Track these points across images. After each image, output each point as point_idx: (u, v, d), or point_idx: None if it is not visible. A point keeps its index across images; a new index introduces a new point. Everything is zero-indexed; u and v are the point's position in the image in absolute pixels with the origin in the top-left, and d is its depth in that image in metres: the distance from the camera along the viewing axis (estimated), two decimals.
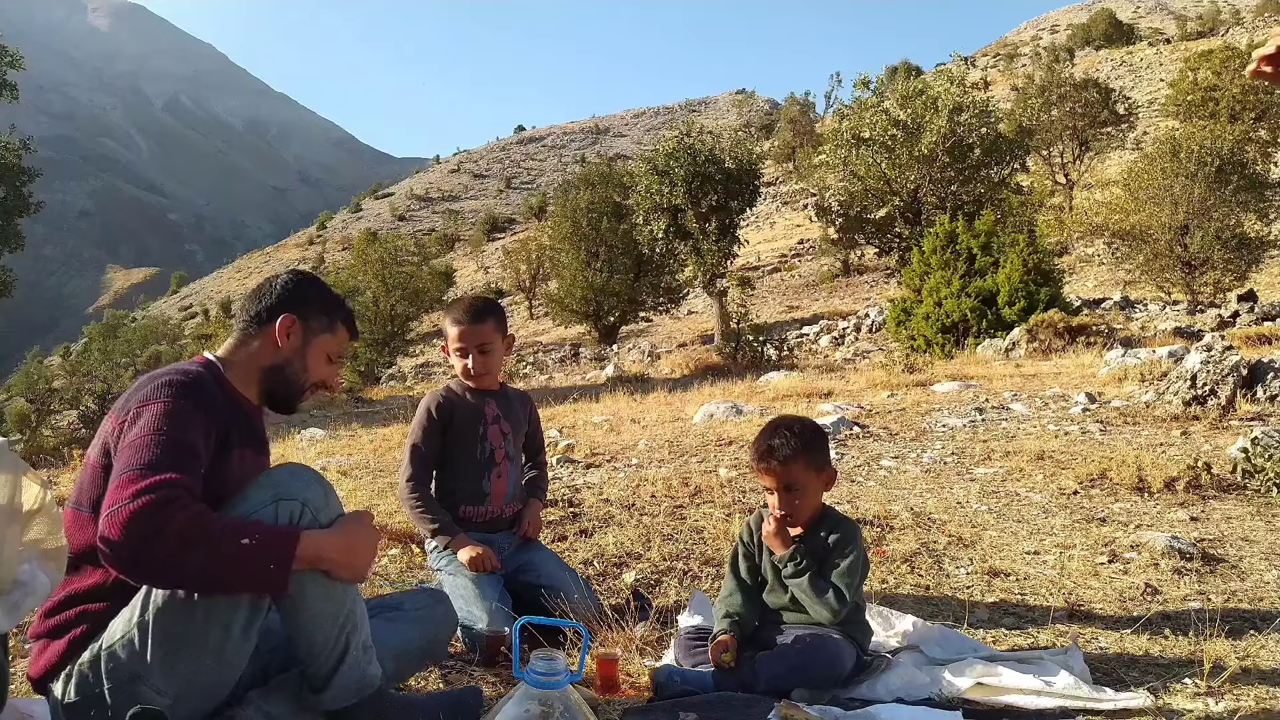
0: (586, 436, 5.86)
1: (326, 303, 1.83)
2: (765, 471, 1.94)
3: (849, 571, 1.90)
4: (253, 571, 1.44)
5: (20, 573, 1.52)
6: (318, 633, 1.55)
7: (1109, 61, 66.28)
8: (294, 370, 1.78)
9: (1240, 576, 2.59)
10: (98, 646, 1.49)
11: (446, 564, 2.40)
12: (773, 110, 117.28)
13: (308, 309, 1.79)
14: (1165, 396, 5.38)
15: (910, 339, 13.73)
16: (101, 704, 1.47)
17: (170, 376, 1.59)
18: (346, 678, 1.58)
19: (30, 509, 1.56)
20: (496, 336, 2.53)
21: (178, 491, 1.41)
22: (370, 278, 26.95)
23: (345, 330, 1.86)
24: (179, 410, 1.53)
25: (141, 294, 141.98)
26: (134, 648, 1.47)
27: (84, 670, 1.49)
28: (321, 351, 1.82)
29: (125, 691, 1.46)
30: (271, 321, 1.76)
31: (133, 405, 1.54)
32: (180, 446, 1.49)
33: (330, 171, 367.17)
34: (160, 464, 1.44)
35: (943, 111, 22.83)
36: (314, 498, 1.57)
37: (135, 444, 1.46)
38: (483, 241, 76.59)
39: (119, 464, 1.45)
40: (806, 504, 1.95)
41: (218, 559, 1.41)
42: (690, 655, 1.99)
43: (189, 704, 1.52)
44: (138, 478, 1.41)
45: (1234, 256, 19.71)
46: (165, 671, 1.47)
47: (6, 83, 18.29)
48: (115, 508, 1.38)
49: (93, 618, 1.53)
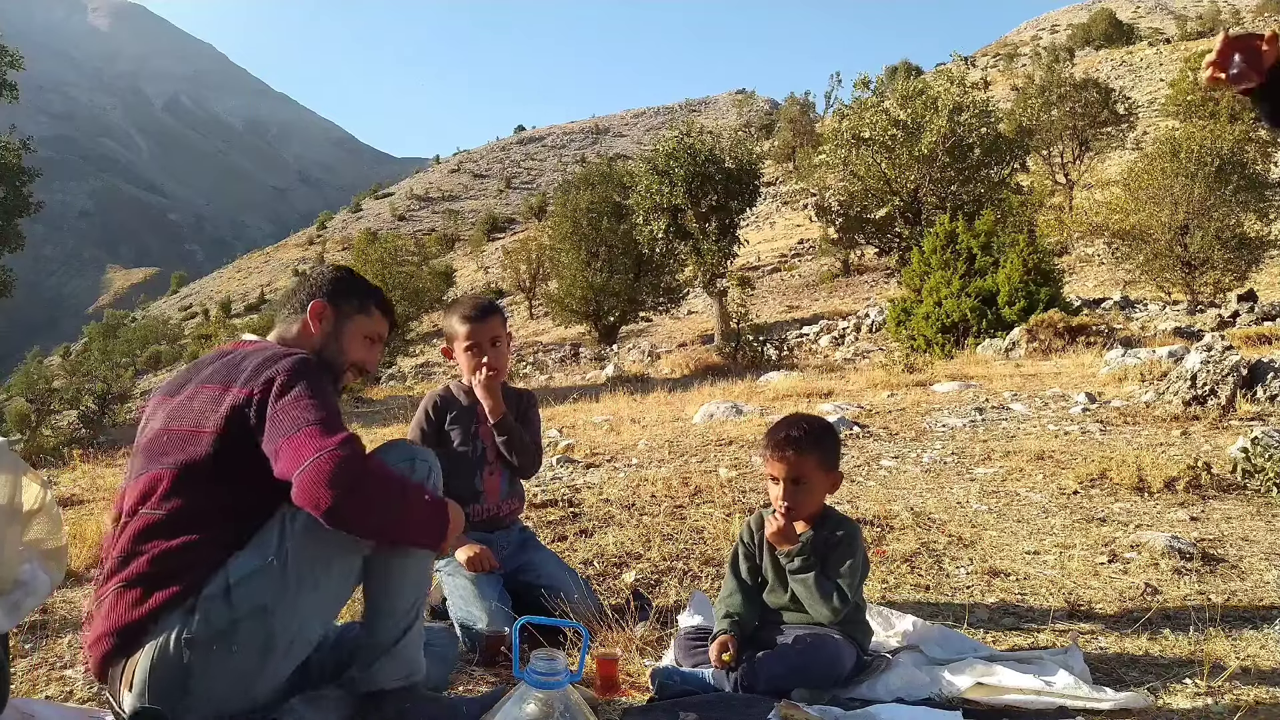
0: (586, 436, 5.86)
1: (357, 289, 1.97)
2: (779, 460, 1.92)
3: (851, 571, 1.90)
4: (425, 524, 1.61)
5: (21, 573, 1.52)
6: (400, 598, 1.66)
7: (1109, 61, 66.30)
8: (330, 353, 1.89)
9: (1240, 576, 2.59)
10: (224, 580, 1.54)
11: (445, 564, 2.40)
12: (773, 110, 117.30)
13: (337, 295, 1.93)
14: (1165, 396, 5.39)
15: (910, 339, 13.73)
16: (229, 637, 1.51)
17: (297, 355, 1.67)
18: (404, 651, 1.66)
19: (30, 509, 1.56)
20: (503, 331, 2.54)
21: (360, 447, 1.54)
22: (370, 278, 26.87)
23: (380, 313, 1.98)
24: (324, 381, 1.66)
25: (141, 294, 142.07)
26: (267, 581, 1.54)
27: (210, 604, 1.52)
28: (356, 333, 1.93)
29: (255, 622, 1.52)
30: (304, 309, 1.90)
31: (276, 374, 1.60)
32: (338, 412, 1.61)
33: (330, 171, 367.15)
34: (336, 423, 1.56)
35: (943, 111, 22.84)
36: (438, 467, 1.75)
37: (304, 405, 1.55)
38: (483, 241, 76.60)
39: (289, 421, 1.53)
40: (810, 501, 1.95)
41: (406, 509, 1.58)
42: (690, 655, 1.98)
43: (298, 648, 1.60)
44: (324, 432, 1.51)
45: (1234, 256, 19.71)
46: (292, 606, 1.55)
47: (6, 83, 18.29)
48: (318, 456, 1.48)
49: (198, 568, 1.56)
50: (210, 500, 1.59)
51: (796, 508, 1.92)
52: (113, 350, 31.10)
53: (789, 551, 1.93)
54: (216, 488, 1.60)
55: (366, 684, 1.66)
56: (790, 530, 1.93)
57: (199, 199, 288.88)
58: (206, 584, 1.54)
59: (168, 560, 1.55)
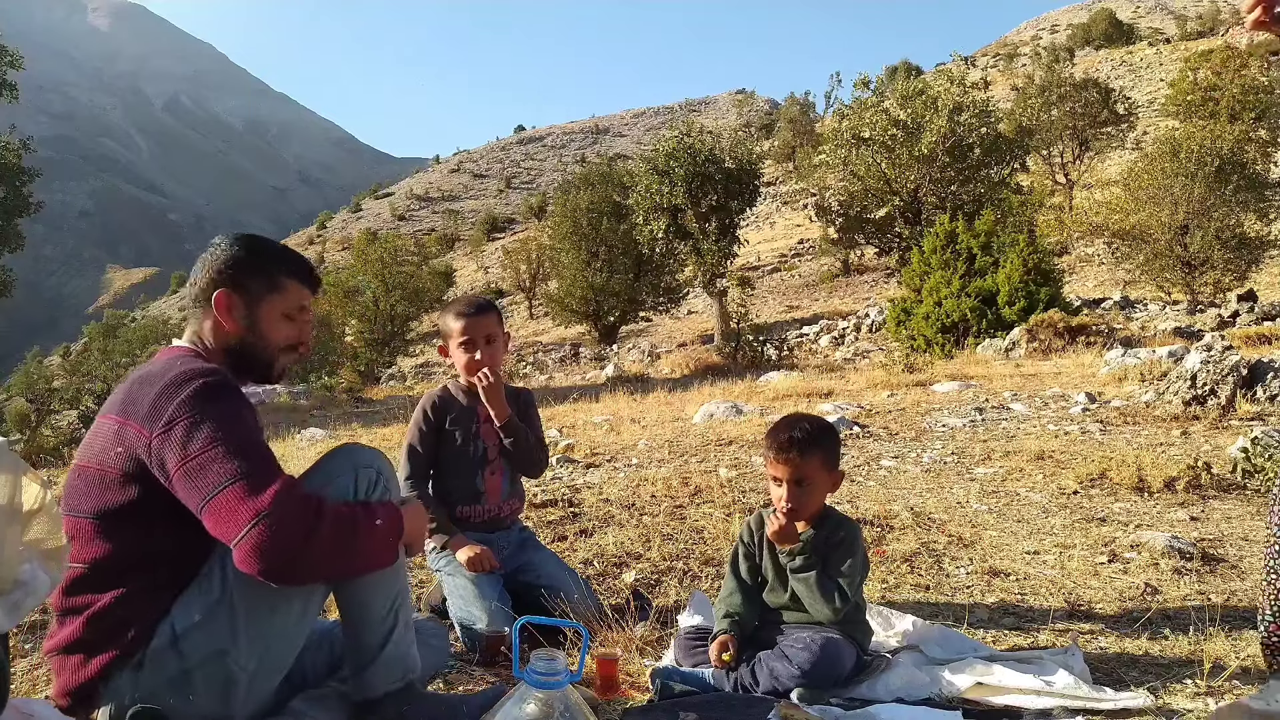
0: (586, 436, 5.86)
1: (260, 263, 1.68)
2: (782, 462, 1.92)
3: (851, 571, 1.91)
4: (379, 550, 1.53)
5: (21, 573, 1.52)
6: (373, 604, 1.60)
7: (1109, 61, 66.28)
8: (252, 342, 1.67)
9: (1240, 576, 2.59)
10: (169, 631, 1.45)
11: (445, 564, 2.40)
12: (773, 110, 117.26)
13: (240, 277, 1.65)
14: (1165, 396, 5.39)
15: (910, 339, 13.73)
16: (184, 685, 1.45)
17: (200, 379, 1.48)
18: (392, 655, 1.62)
19: (30, 509, 1.56)
20: (499, 328, 2.55)
21: (298, 492, 1.42)
22: (370, 278, 26.95)
23: (296, 283, 1.71)
24: (234, 408, 1.48)
25: (141, 294, 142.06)
26: (219, 623, 1.46)
27: (159, 657, 1.45)
28: (274, 314, 1.68)
29: (212, 666, 1.46)
30: (209, 301, 1.65)
31: (176, 414, 1.42)
32: (258, 447, 1.47)
33: (330, 171, 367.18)
34: (261, 469, 1.41)
35: (943, 111, 22.84)
36: (385, 469, 1.64)
37: (218, 455, 1.39)
38: (483, 241, 76.59)
39: (209, 478, 1.38)
40: (813, 501, 1.95)
41: (357, 546, 1.48)
42: (690, 655, 1.98)
43: (263, 679, 1.53)
44: (251, 490, 1.37)
45: (1234, 256, 19.70)
46: (250, 641, 1.48)
47: (6, 83, 18.28)
48: (254, 523, 1.35)
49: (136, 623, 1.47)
50: (137, 545, 1.47)
51: (799, 508, 1.92)
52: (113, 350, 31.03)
53: (790, 551, 1.94)
54: (141, 532, 1.47)
55: (360, 692, 1.63)
56: (791, 530, 1.93)
57: (199, 199, 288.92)
58: (151, 638, 1.45)
59: (102, 621, 1.45)
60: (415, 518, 1.64)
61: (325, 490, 1.55)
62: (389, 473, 1.64)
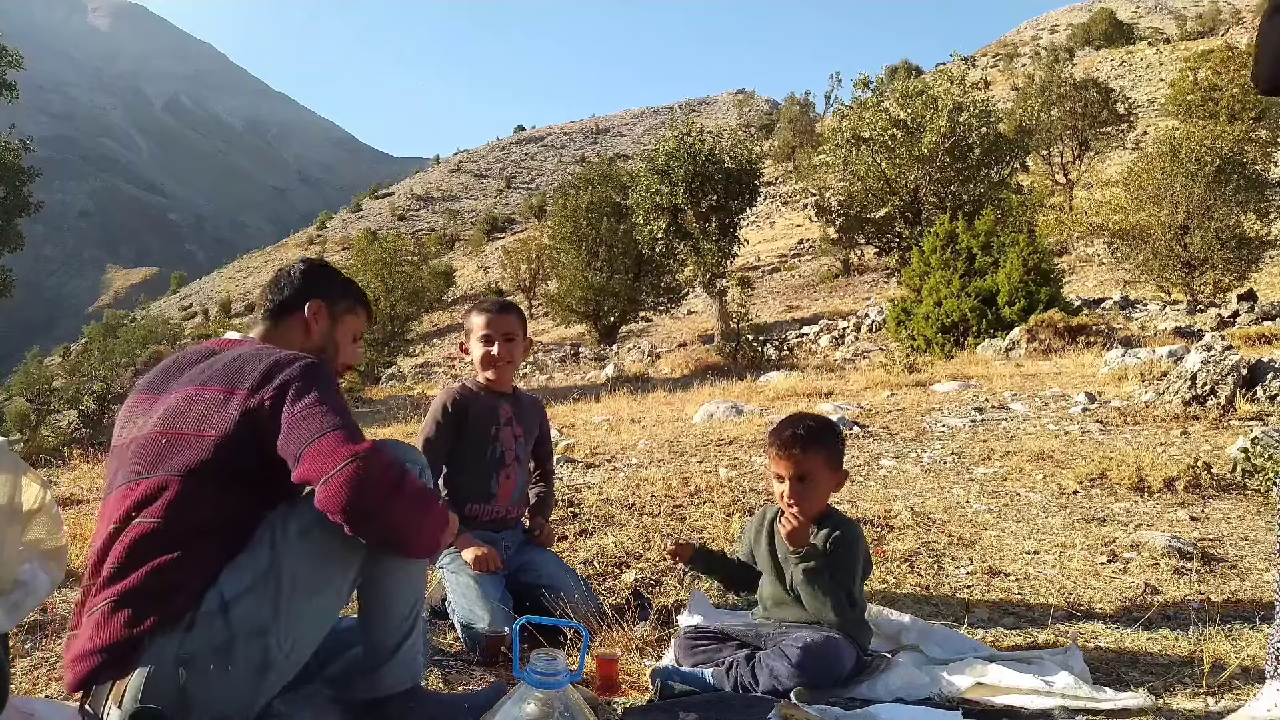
0: (586, 436, 5.86)
1: (345, 286, 1.94)
2: (785, 458, 1.93)
3: (855, 576, 1.92)
4: (434, 533, 1.57)
5: (21, 572, 1.52)
6: (395, 605, 1.62)
7: (1109, 61, 66.31)
8: (328, 354, 1.86)
9: (1240, 576, 2.59)
10: (218, 597, 1.48)
11: (449, 562, 2.40)
12: (773, 110, 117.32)
13: (332, 293, 1.89)
14: (1165, 396, 5.38)
15: (910, 339, 13.74)
16: (226, 654, 1.46)
17: (306, 358, 1.62)
18: (406, 657, 1.64)
19: (30, 509, 1.56)
20: (520, 330, 2.56)
21: (388, 454, 1.51)
22: (370, 278, 26.94)
23: (364, 311, 1.97)
24: (336, 386, 1.61)
25: (141, 294, 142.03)
26: (265, 595, 1.48)
27: (208, 621, 1.46)
28: (348, 332, 1.92)
29: (254, 642, 1.47)
30: (299, 308, 1.84)
31: (290, 378, 1.55)
32: (354, 420, 1.57)
33: (330, 171, 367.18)
34: (358, 431, 1.53)
35: (943, 111, 22.84)
36: (425, 465, 1.70)
37: (324, 410, 1.51)
38: (483, 241, 76.60)
39: (311, 426, 1.49)
40: (815, 498, 1.96)
41: (424, 523, 1.55)
42: (690, 655, 1.99)
43: (291, 666, 1.54)
44: (349, 438, 1.48)
45: (1234, 256, 19.71)
46: (289, 621, 1.50)
47: (6, 83, 18.29)
48: (347, 463, 1.44)
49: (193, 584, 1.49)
50: (209, 508, 1.53)
51: (801, 505, 1.93)
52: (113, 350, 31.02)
53: (800, 552, 1.94)
54: (216, 495, 1.54)
55: (369, 690, 1.63)
56: (804, 530, 1.93)
57: (199, 199, 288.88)
58: (202, 600, 1.48)
59: (163, 576, 1.48)
60: (454, 523, 1.69)
61: None
62: (426, 469, 1.71)
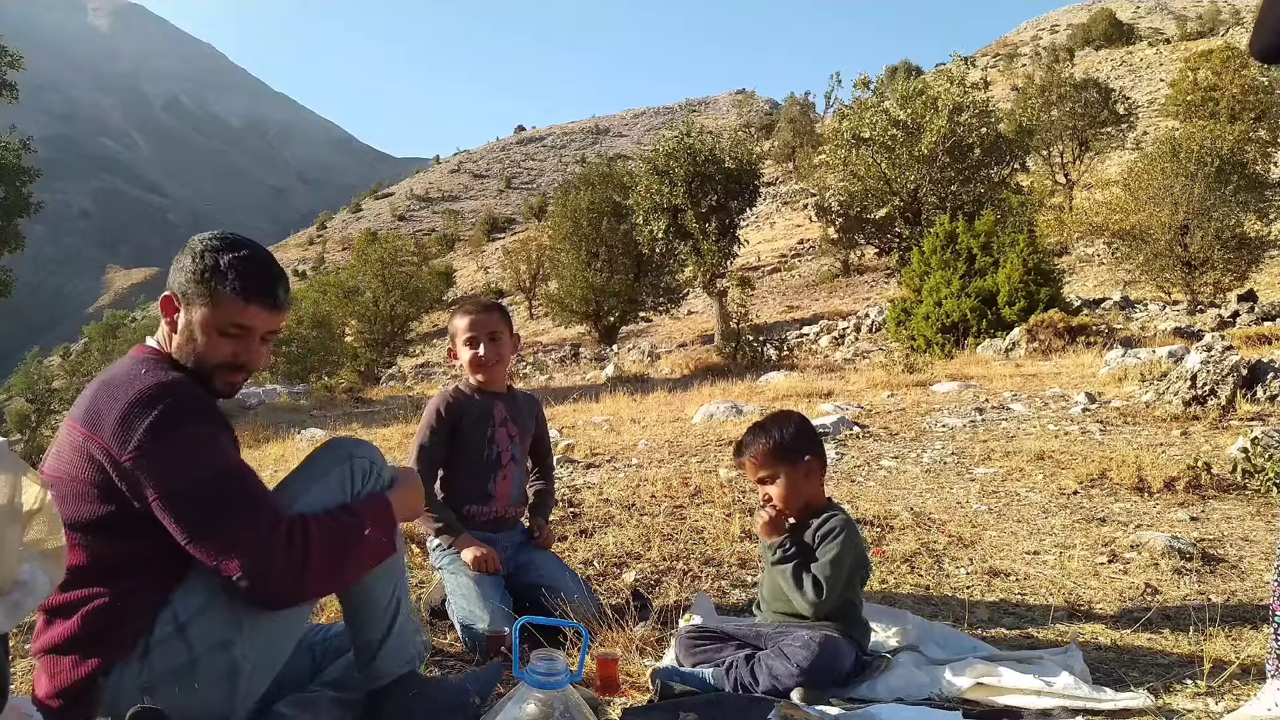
0: (586, 436, 5.86)
1: (206, 270, 1.52)
2: (741, 467, 2.09)
3: (831, 564, 1.92)
4: (375, 552, 1.55)
5: (21, 573, 1.52)
6: (375, 595, 1.61)
7: (1109, 61, 66.33)
8: (194, 352, 1.55)
9: (1240, 576, 2.59)
10: (172, 619, 1.42)
11: (449, 562, 2.40)
12: (773, 110, 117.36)
13: (188, 282, 1.54)
14: (1165, 396, 5.38)
15: (910, 339, 13.74)
16: (189, 674, 1.42)
17: (167, 399, 1.41)
18: (397, 643, 1.63)
19: (30, 509, 1.56)
20: (504, 328, 2.56)
21: (281, 527, 1.42)
22: (370, 278, 26.96)
23: (237, 299, 1.53)
24: (208, 435, 1.44)
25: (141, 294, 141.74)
26: (222, 610, 1.44)
27: (164, 645, 1.41)
28: (207, 328, 1.53)
29: (217, 657, 1.43)
30: (167, 298, 1.59)
31: (145, 441, 1.37)
32: (236, 474, 1.45)
33: (330, 171, 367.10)
34: (241, 507, 1.41)
35: (943, 111, 22.83)
36: (377, 458, 1.65)
37: (194, 493, 1.39)
38: (483, 241, 76.62)
39: (190, 518, 1.38)
40: (789, 493, 2.00)
41: (354, 558, 1.52)
42: (690, 655, 1.99)
43: (264, 673, 1.52)
44: (231, 540, 1.38)
45: (1234, 256, 19.70)
46: (253, 631, 1.46)
47: (6, 83, 18.27)
48: (243, 575, 1.38)
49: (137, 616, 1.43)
50: (119, 551, 1.42)
51: (779, 501, 1.99)
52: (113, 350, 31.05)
53: (773, 544, 1.99)
54: (121, 541, 1.42)
55: (369, 683, 1.63)
56: (778, 522, 1.99)
57: (199, 199, 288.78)
58: (153, 628, 1.41)
59: (99, 617, 1.39)
60: (408, 491, 1.67)
61: (318, 488, 1.56)
62: (381, 462, 1.65)
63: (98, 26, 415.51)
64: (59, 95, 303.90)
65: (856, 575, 1.99)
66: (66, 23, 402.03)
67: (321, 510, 1.52)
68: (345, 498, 1.57)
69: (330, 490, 1.57)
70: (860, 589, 2.02)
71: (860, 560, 2.00)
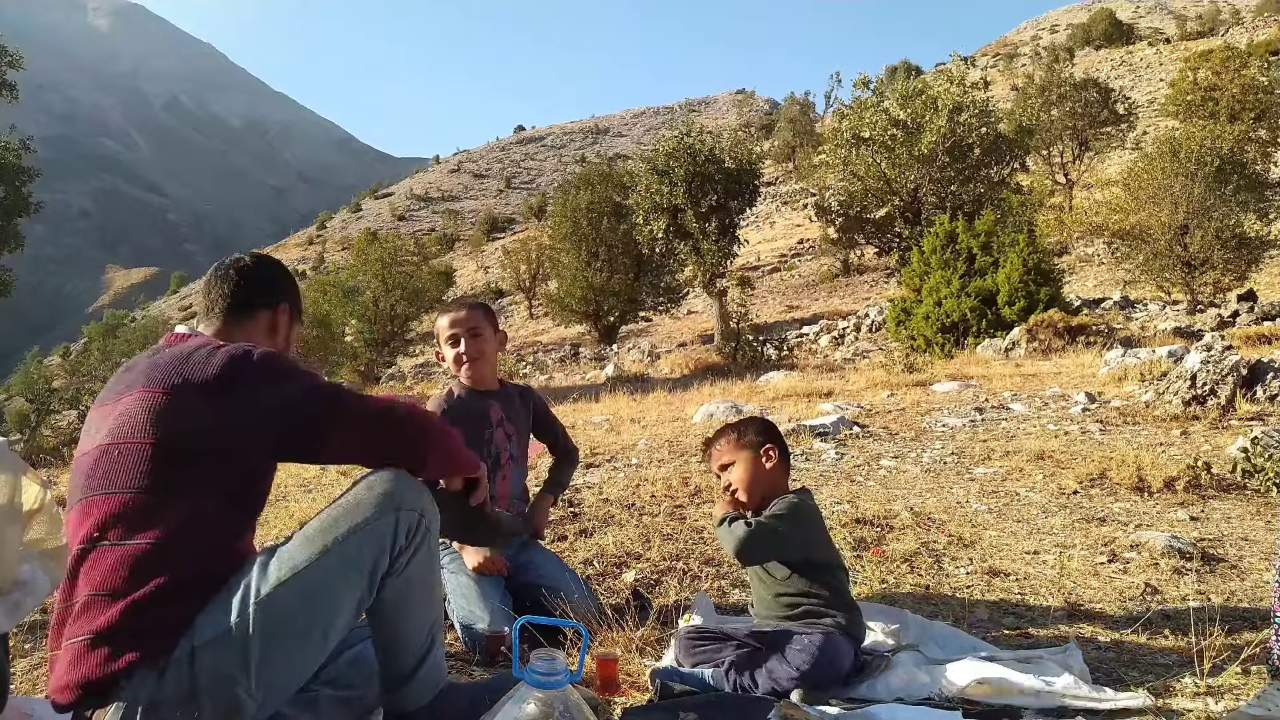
0: (586, 436, 5.86)
1: (298, 291, 1.84)
2: (705, 461, 2.31)
3: (767, 517, 1.97)
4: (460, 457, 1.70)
5: (21, 573, 1.52)
6: (411, 632, 1.59)
7: (1109, 61, 66.33)
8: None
9: (1240, 576, 2.59)
10: (189, 644, 1.40)
11: (449, 562, 2.40)
12: (773, 110, 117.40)
13: (295, 299, 1.80)
14: (1165, 396, 5.38)
15: (910, 339, 13.74)
16: (192, 703, 1.39)
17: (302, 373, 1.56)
18: (427, 675, 1.62)
19: (30, 509, 1.56)
20: (486, 324, 2.56)
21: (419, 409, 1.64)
22: (370, 278, 26.94)
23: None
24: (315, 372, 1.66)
25: (141, 294, 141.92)
26: (230, 649, 1.40)
27: (177, 669, 1.39)
28: (298, 340, 1.85)
29: (220, 692, 1.40)
30: (267, 309, 1.73)
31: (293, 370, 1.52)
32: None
33: (330, 171, 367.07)
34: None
35: (943, 111, 22.83)
36: (429, 511, 1.57)
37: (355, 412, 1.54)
38: (483, 241, 76.61)
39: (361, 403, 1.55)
40: (749, 478, 2.06)
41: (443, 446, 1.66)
42: (690, 655, 1.99)
43: (271, 705, 1.48)
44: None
45: (1234, 256, 19.69)
46: (261, 669, 1.41)
47: (6, 83, 18.28)
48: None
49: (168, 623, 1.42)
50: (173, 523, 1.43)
51: (736, 484, 2.08)
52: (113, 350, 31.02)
53: (722, 516, 2.05)
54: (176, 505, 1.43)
55: (396, 705, 1.62)
56: (734, 503, 2.08)
57: (199, 199, 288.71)
58: (174, 648, 1.40)
59: (138, 615, 1.39)
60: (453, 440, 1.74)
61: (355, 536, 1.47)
62: (431, 515, 1.57)
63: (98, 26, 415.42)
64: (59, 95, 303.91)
65: (798, 543, 1.96)
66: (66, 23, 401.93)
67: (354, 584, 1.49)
68: (386, 560, 1.50)
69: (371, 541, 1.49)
70: (838, 578, 1.99)
71: (807, 537, 1.98)
